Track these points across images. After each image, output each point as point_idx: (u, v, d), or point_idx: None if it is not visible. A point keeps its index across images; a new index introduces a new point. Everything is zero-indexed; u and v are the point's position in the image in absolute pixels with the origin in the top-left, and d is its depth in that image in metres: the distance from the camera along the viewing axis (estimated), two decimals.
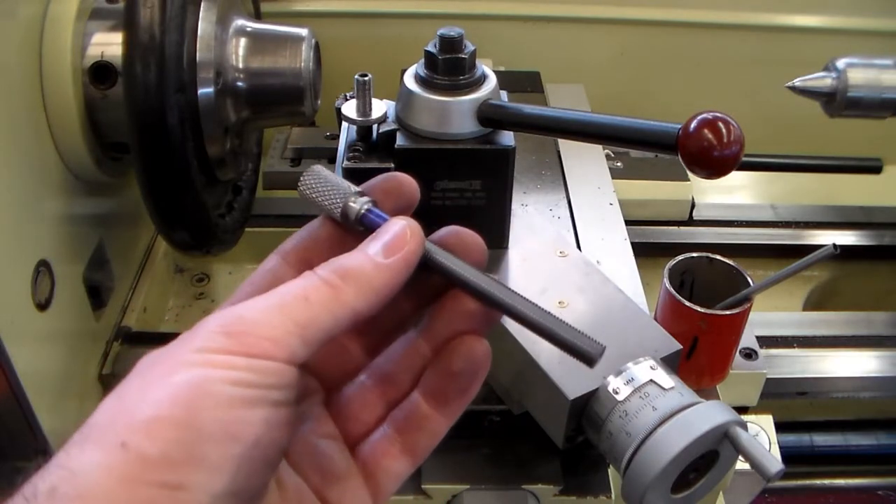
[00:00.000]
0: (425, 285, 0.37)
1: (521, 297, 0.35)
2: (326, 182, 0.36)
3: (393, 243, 0.34)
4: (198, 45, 0.66)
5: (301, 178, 0.36)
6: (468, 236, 0.37)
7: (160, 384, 0.29)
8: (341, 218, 0.36)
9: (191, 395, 0.29)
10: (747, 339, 0.68)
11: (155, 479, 0.28)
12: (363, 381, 0.39)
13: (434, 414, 0.37)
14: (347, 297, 0.32)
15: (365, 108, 0.57)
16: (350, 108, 0.57)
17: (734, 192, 1.16)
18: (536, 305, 0.34)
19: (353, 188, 0.36)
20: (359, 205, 0.35)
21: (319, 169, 0.37)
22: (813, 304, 1.04)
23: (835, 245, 0.54)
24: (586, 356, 0.34)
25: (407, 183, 0.38)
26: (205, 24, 0.67)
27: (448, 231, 0.37)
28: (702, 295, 0.62)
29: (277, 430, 0.31)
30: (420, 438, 0.37)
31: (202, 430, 0.28)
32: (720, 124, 0.42)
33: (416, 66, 0.56)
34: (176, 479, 0.28)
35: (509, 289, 0.35)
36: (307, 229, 0.37)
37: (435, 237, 0.37)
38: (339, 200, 0.36)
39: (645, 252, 0.79)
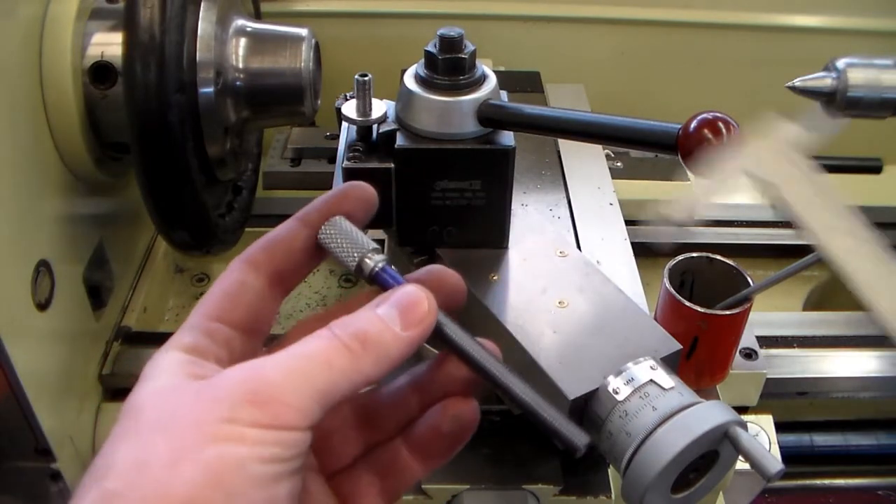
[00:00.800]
0: None
1: (520, 381, 0.36)
2: (345, 235, 0.37)
3: (411, 314, 0.34)
4: (198, 45, 0.66)
5: (322, 227, 0.37)
6: (448, 276, 0.38)
7: (191, 458, 0.29)
8: (355, 271, 0.37)
9: (225, 475, 0.28)
10: (747, 339, 0.68)
11: None
12: (346, 417, 0.39)
13: (415, 465, 0.38)
14: (366, 366, 0.32)
15: (365, 108, 0.57)
16: (350, 108, 0.57)
17: (734, 192, 1.16)
18: (534, 392, 0.36)
19: (371, 244, 0.37)
20: (373, 262, 0.37)
21: (340, 220, 0.38)
22: (813, 304, 1.04)
23: None
24: (572, 445, 0.35)
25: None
26: (205, 24, 0.67)
27: (427, 271, 0.38)
28: (702, 295, 0.62)
29: (297, 498, 0.31)
30: (398, 485, 0.38)
31: None
32: (720, 124, 0.42)
33: (416, 66, 0.56)
34: None
35: (510, 370, 0.36)
36: (278, 239, 0.37)
37: (414, 276, 0.37)
38: (355, 254, 0.37)
39: (645, 252, 0.79)
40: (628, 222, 0.76)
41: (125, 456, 0.29)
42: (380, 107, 0.57)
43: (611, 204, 0.78)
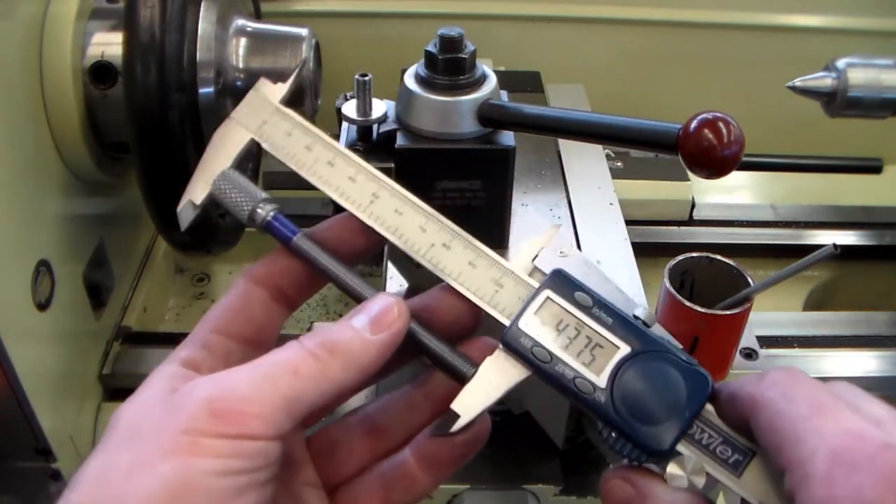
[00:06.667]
0: None
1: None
2: (237, 187, 0.38)
3: (380, 319, 0.34)
4: (198, 45, 0.66)
5: (213, 182, 0.38)
6: (444, 305, 0.37)
7: (148, 471, 0.28)
8: (248, 221, 0.37)
9: (180, 491, 0.28)
10: (747, 339, 0.68)
11: None
12: (352, 427, 0.38)
13: (423, 477, 0.36)
14: (334, 372, 0.32)
15: (365, 108, 0.57)
16: (350, 108, 0.57)
17: (734, 192, 1.16)
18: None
19: (262, 195, 0.38)
20: (265, 212, 0.37)
21: (231, 173, 0.38)
22: (813, 304, 1.04)
23: (835, 245, 0.54)
24: None
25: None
26: (205, 24, 0.67)
27: (430, 298, 0.37)
28: (702, 295, 0.62)
29: None
30: (403, 497, 0.36)
31: None
32: (720, 124, 0.42)
33: (416, 65, 0.56)
34: None
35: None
36: (278, 257, 0.37)
37: (418, 303, 0.37)
38: (247, 206, 0.37)
39: (645, 252, 0.79)
40: (628, 222, 0.76)
41: (92, 468, 0.29)
42: (380, 107, 0.57)
43: (611, 204, 0.78)
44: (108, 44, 0.68)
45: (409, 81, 0.56)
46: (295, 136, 0.39)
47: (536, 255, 0.38)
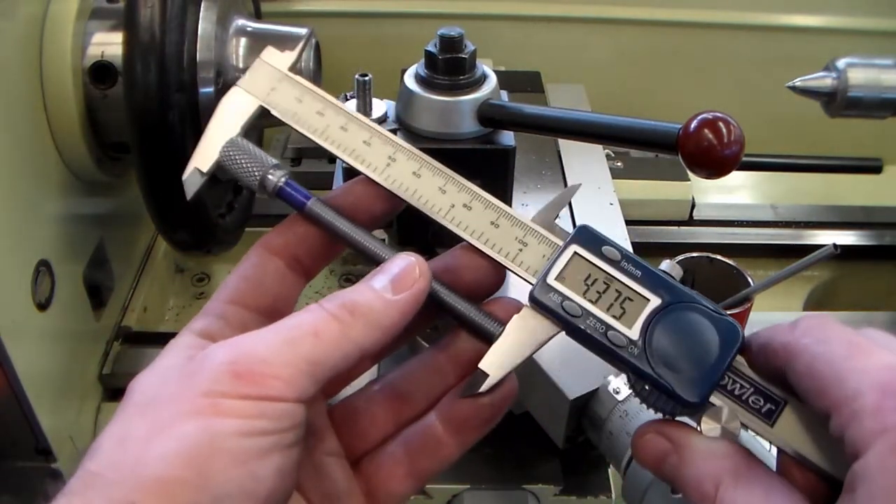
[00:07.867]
0: None
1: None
2: (246, 153, 0.37)
3: (401, 279, 0.33)
4: (198, 45, 0.66)
5: (221, 149, 0.37)
6: (465, 264, 0.36)
7: (168, 434, 0.28)
8: (258, 189, 0.37)
9: (202, 452, 0.27)
10: None
11: None
12: (374, 395, 0.37)
13: (450, 441, 0.36)
14: (356, 333, 0.31)
15: (365, 108, 0.57)
16: (350, 108, 0.57)
17: (734, 192, 1.16)
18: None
19: (272, 161, 0.37)
20: (276, 178, 0.36)
21: (239, 140, 0.37)
22: (813, 304, 1.04)
23: (835, 245, 0.54)
24: None
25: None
26: (205, 24, 0.67)
27: (451, 258, 0.37)
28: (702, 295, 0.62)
29: (290, 475, 0.30)
30: (429, 464, 0.36)
31: (216, 492, 0.27)
32: (720, 124, 0.42)
33: (416, 65, 0.56)
34: None
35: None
36: (293, 224, 0.37)
37: (439, 264, 0.36)
38: (257, 172, 0.36)
39: (645, 252, 0.79)
40: (628, 222, 0.76)
41: (108, 436, 0.29)
42: (380, 107, 0.57)
43: (611, 204, 0.78)
44: (108, 44, 0.68)
45: (409, 81, 0.56)
46: (306, 103, 0.38)
47: (557, 215, 0.37)
